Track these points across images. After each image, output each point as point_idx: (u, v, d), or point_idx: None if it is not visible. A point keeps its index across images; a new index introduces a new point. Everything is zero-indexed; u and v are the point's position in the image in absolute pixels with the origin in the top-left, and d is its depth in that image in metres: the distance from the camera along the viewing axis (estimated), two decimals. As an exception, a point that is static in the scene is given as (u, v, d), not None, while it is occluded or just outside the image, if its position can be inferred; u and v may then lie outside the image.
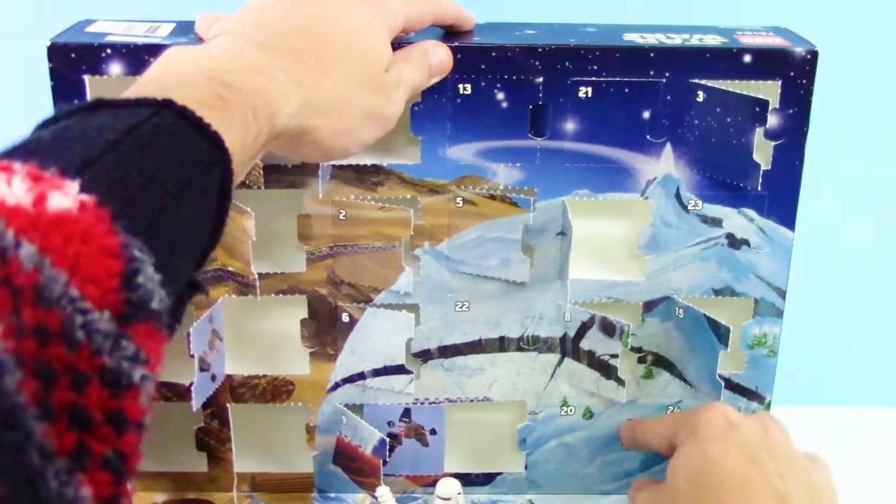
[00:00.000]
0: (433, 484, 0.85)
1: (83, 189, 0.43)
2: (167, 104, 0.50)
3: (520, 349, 0.85)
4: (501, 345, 0.85)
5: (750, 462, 0.72)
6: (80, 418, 0.40)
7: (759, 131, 0.76)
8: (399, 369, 0.85)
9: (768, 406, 0.86)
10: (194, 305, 0.80)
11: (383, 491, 0.84)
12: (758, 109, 0.75)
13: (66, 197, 0.42)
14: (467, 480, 0.88)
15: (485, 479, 0.90)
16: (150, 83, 0.54)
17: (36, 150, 0.46)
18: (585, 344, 0.84)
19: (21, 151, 0.46)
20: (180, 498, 0.88)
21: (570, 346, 0.85)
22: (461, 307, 0.84)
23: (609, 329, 0.83)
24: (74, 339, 0.40)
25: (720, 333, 0.80)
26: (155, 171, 0.48)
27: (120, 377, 0.41)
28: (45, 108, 0.71)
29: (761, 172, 0.77)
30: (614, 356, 0.84)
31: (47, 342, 0.39)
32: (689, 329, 0.83)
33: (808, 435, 1.00)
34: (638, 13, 1.01)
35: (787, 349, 0.86)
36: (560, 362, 0.86)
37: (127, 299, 0.43)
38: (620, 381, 0.85)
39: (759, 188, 0.78)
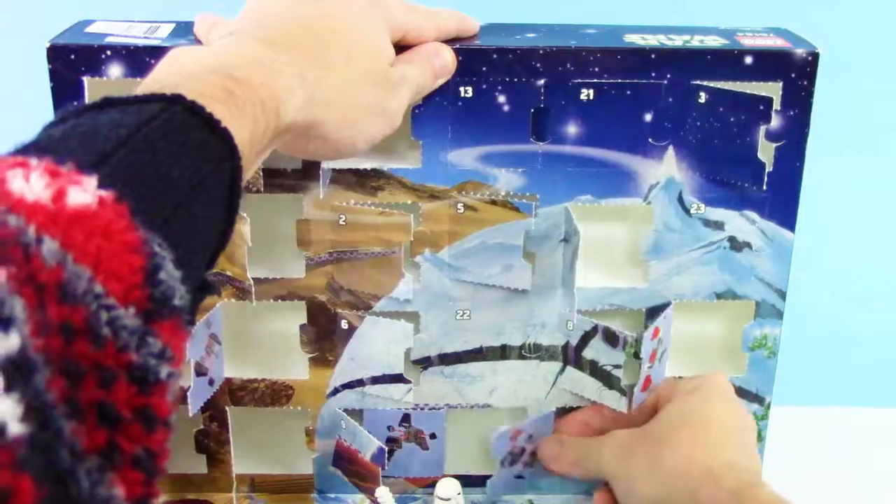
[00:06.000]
0: (433, 485, 0.85)
1: (101, 184, 0.43)
2: (177, 99, 0.50)
3: (521, 357, 0.85)
4: (503, 353, 0.85)
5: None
6: (108, 416, 0.39)
7: (762, 130, 0.76)
8: (397, 378, 0.85)
9: (768, 407, 0.86)
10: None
11: (383, 491, 0.84)
12: (762, 107, 0.75)
13: (84, 192, 0.42)
14: (467, 481, 0.88)
15: (485, 480, 0.89)
16: (157, 82, 0.54)
17: (48, 147, 0.45)
18: (588, 353, 0.84)
19: (33, 149, 0.45)
20: (180, 499, 0.88)
21: (572, 355, 0.84)
22: (462, 315, 0.83)
23: (612, 339, 0.83)
24: (100, 336, 0.40)
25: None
26: (168, 168, 0.48)
27: (147, 374, 0.41)
28: (45, 108, 0.72)
29: (766, 171, 0.77)
30: (617, 367, 0.84)
31: (73, 339, 0.39)
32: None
33: (808, 435, 1.00)
34: (638, 14, 1.01)
35: (788, 350, 0.86)
36: (562, 370, 0.85)
37: (151, 295, 0.43)
38: (623, 392, 0.84)
39: (765, 187, 0.78)
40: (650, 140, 0.78)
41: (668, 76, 0.76)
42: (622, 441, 0.79)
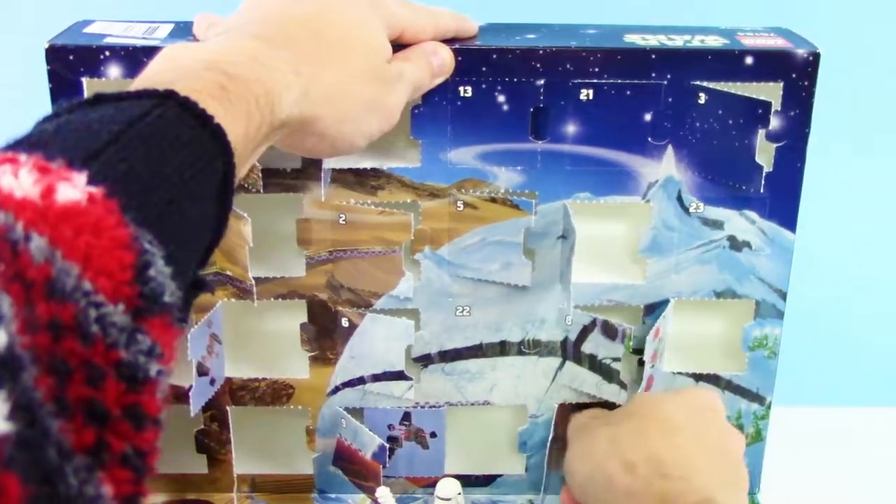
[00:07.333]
0: (433, 485, 0.85)
1: (91, 181, 0.43)
2: (169, 95, 0.50)
3: (521, 353, 0.85)
4: (502, 349, 0.85)
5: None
6: (97, 414, 0.39)
7: (760, 133, 0.76)
8: (398, 375, 0.85)
9: (768, 407, 0.86)
10: (195, 308, 0.79)
11: (383, 491, 0.84)
12: (760, 111, 0.75)
13: (74, 189, 0.42)
14: (467, 481, 0.88)
15: (485, 480, 0.89)
16: (151, 78, 0.54)
17: (40, 143, 0.45)
18: (587, 347, 0.84)
19: (24, 144, 0.45)
20: (181, 499, 0.88)
21: (571, 350, 0.84)
22: (462, 312, 0.83)
23: (611, 333, 0.83)
24: (89, 333, 0.40)
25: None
26: (160, 164, 0.47)
27: (136, 371, 0.41)
28: (44, 108, 0.71)
29: (764, 175, 0.77)
30: (616, 360, 0.84)
31: (61, 336, 0.39)
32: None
33: (808, 435, 1.00)
34: (639, 14, 1.00)
35: (788, 350, 0.86)
36: (561, 366, 0.85)
37: (140, 292, 0.42)
38: (623, 385, 0.84)
39: (762, 191, 0.78)
40: (649, 139, 0.78)
41: (668, 76, 0.76)
42: (582, 421, 0.80)
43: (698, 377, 0.85)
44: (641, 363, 0.84)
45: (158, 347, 0.42)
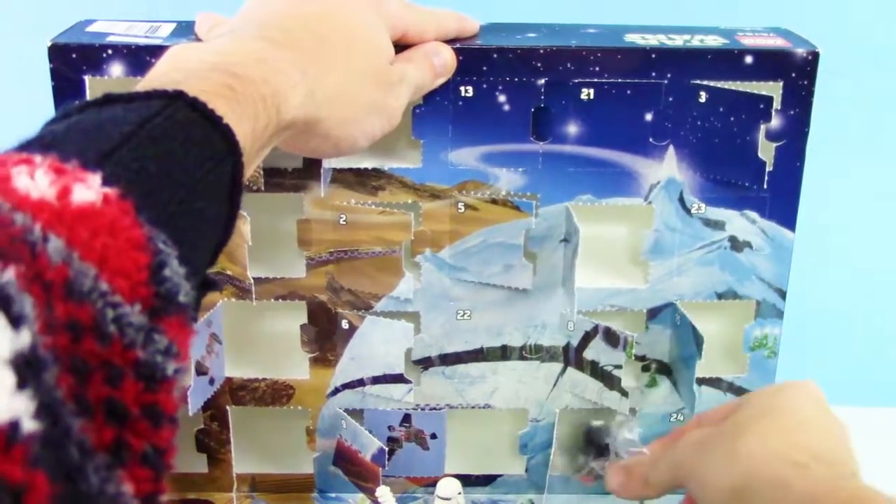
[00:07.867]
0: (433, 484, 0.84)
1: (105, 181, 0.43)
2: (178, 95, 0.50)
3: (522, 358, 0.85)
4: (503, 353, 0.85)
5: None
6: (116, 413, 0.39)
7: (762, 129, 0.76)
8: (398, 378, 0.85)
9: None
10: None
11: (383, 491, 0.83)
12: (762, 106, 0.75)
13: (89, 190, 0.42)
14: (467, 481, 0.88)
15: (485, 480, 0.89)
16: (158, 79, 0.54)
17: (52, 144, 0.45)
18: (589, 354, 0.84)
19: (36, 145, 0.45)
20: (181, 498, 0.88)
21: (573, 356, 0.84)
22: (462, 316, 0.83)
23: (613, 339, 0.83)
24: (107, 333, 0.40)
25: (698, 342, 0.79)
26: (170, 164, 0.48)
27: (154, 370, 0.41)
28: (45, 107, 0.71)
29: (766, 171, 0.77)
30: (618, 367, 0.84)
31: (80, 337, 0.39)
32: (683, 337, 0.83)
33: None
34: (639, 14, 1.00)
35: (788, 350, 0.86)
36: (563, 371, 0.85)
37: (156, 292, 0.43)
38: (624, 393, 0.84)
39: (765, 186, 0.78)
40: (651, 140, 0.78)
41: (669, 76, 0.76)
42: (697, 438, 0.72)
43: (700, 381, 0.84)
44: (646, 369, 0.84)
45: (175, 346, 0.43)
